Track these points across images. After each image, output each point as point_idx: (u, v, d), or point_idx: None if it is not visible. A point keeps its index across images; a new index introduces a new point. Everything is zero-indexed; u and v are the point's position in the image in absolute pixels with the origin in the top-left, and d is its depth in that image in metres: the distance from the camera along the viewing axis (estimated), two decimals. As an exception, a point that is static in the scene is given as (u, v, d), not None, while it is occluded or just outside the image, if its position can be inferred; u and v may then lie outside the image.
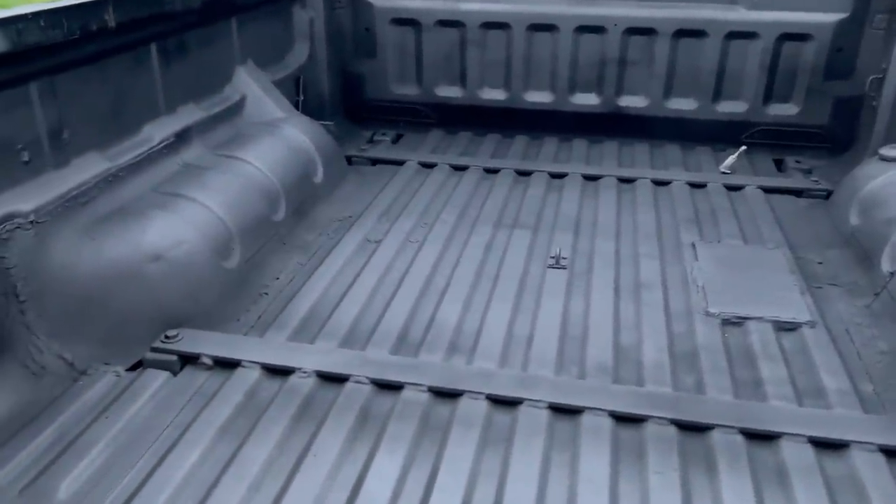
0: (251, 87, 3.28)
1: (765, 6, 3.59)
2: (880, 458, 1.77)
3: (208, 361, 2.11)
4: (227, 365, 2.10)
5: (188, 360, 2.12)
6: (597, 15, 3.75)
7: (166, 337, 2.15)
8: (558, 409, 1.93)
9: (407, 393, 2.00)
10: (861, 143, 3.59)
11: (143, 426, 1.88)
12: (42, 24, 1.98)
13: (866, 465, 1.75)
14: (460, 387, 2.00)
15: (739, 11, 3.64)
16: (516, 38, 3.86)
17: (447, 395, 1.99)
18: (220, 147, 2.91)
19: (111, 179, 2.37)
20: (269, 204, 2.79)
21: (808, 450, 1.80)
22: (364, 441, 1.83)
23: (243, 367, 2.09)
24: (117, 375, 2.07)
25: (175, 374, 2.09)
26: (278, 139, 3.10)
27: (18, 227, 2.00)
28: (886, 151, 2.93)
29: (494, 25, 3.86)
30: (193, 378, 2.07)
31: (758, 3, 3.60)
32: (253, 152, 2.90)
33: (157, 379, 2.05)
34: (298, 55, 3.82)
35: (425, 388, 2.00)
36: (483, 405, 1.95)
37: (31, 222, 2.03)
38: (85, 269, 2.13)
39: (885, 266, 2.44)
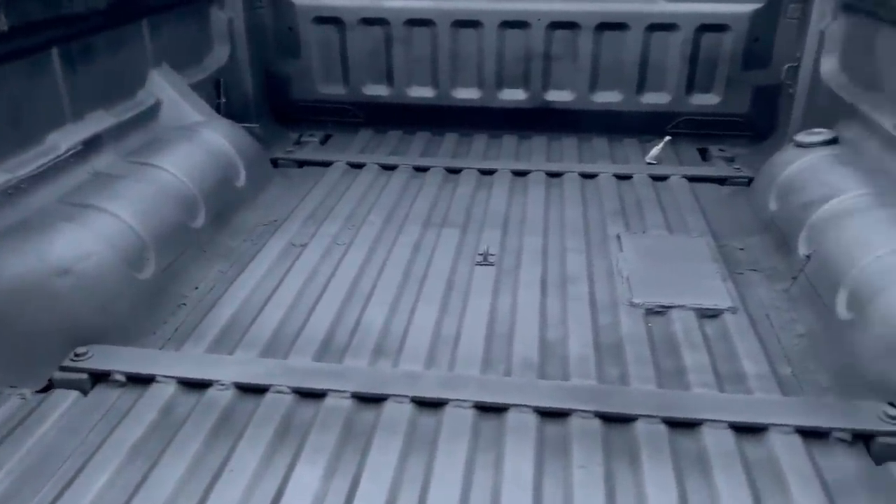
0: (166, 90, 3.17)
1: None
2: (797, 440, 1.80)
3: (121, 378, 2.02)
4: (141, 381, 2.02)
5: (99, 377, 2.03)
6: (520, 10, 3.75)
7: (76, 355, 2.05)
8: (484, 408, 1.91)
9: (330, 400, 1.95)
10: (780, 131, 3.68)
11: (49, 450, 1.79)
12: None
13: (783, 446, 1.77)
14: (385, 391, 1.96)
15: (659, 4, 3.68)
16: (441, 35, 3.84)
17: (371, 400, 1.95)
18: (133, 154, 2.81)
19: (12, 192, 2.25)
20: (187, 211, 2.70)
21: (729, 435, 1.82)
22: (284, 453, 1.78)
23: (158, 382, 2.00)
24: (23, 398, 1.96)
25: (85, 393, 1.99)
26: (196, 144, 3.00)
27: None
28: (801, 138, 3.00)
29: (419, 22, 3.83)
30: (105, 397, 1.98)
31: None
32: (168, 158, 2.80)
33: (65, 399, 1.95)
34: (218, 57, 3.72)
35: (349, 395, 1.95)
36: (408, 408, 1.91)
37: None
38: (-15, 287, 2.02)
39: (802, 250, 2.49)
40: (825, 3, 3.38)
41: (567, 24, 3.75)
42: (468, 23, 3.80)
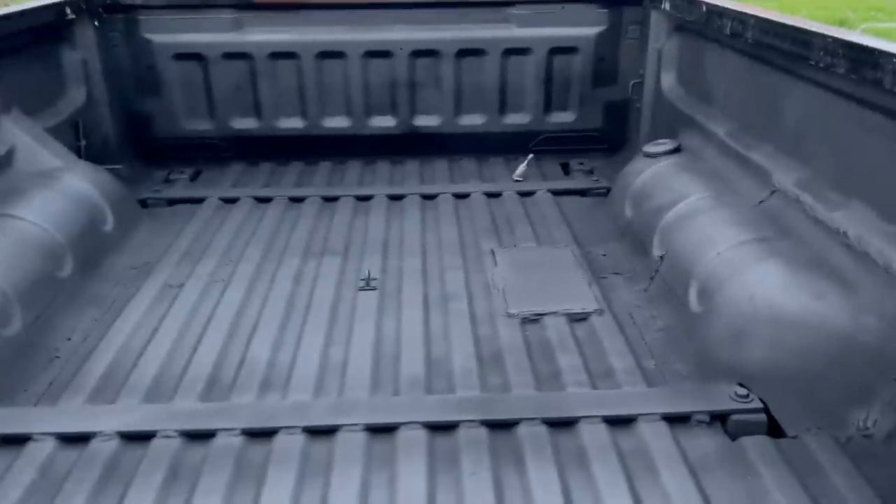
0: (19, 137, 3.03)
1: (533, 23, 3.88)
2: (663, 426, 1.96)
3: (-9, 441, 1.93)
4: (15, 441, 1.93)
5: (-34, 442, 1.93)
6: (381, 39, 3.86)
7: (-61, 421, 1.94)
8: (375, 430, 1.97)
9: (219, 440, 1.94)
10: (631, 142, 3.98)
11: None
12: None
13: (651, 434, 1.94)
14: (275, 424, 1.98)
15: (512, 29, 3.90)
16: (306, 67, 3.88)
17: (261, 434, 1.96)
18: (-13, 205, 2.67)
19: None
20: (52, 260, 2.60)
21: (603, 429, 1.96)
22: (175, 499, 1.76)
23: (34, 440, 1.92)
24: None
25: (-48, 461, 1.89)
26: (56, 190, 2.90)
27: None
28: (649, 148, 3.27)
29: (283, 55, 3.85)
30: (-25, 462, 1.88)
31: (527, 21, 3.88)
32: (27, 207, 2.69)
33: (-70, 470, 1.84)
34: (74, 98, 3.59)
35: (238, 432, 1.95)
36: (299, 439, 1.94)
37: None
38: None
39: (656, 252, 2.72)
40: (660, 24, 3.70)
41: (428, 52, 3.90)
42: (332, 53, 3.87)
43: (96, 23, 3.66)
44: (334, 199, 3.58)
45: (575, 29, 3.89)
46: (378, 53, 3.89)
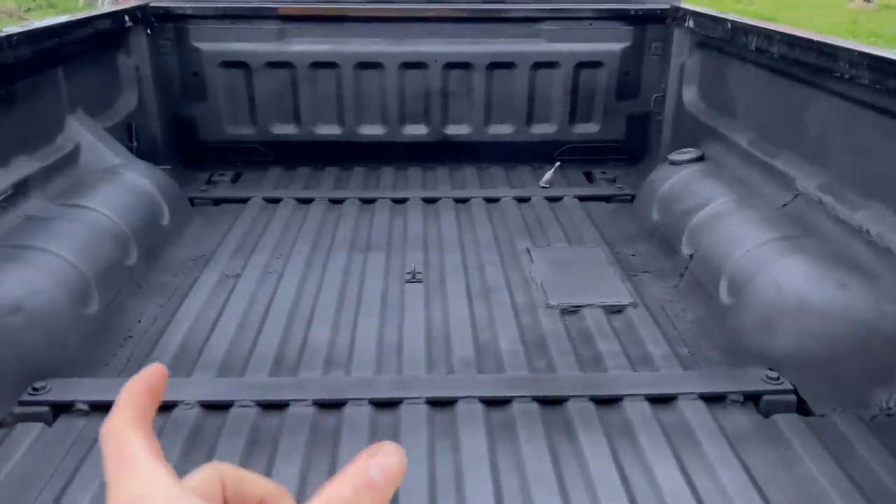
0: (84, 135, 3.22)
1: (562, 39, 4.08)
2: (701, 404, 2.13)
3: (84, 407, 2.09)
4: (105, 408, 2.05)
5: (61, 409, 2.09)
6: (418, 52, 4.06)
7: (34, 389, 2.10)
8: (435, 403, 2.13)
9: (292, 409, 2.11)
10: (652, 152, 4.17)
11: (24, 479, 1.84)
12: None
13: (691, 410, 2.11)
14: (343, 396, 2.15)
15: (541, 44, 4.10)
16: (345, 76, 4.08)
17: (331, 405, 2.13)
18: (60, 197, 2.85)
19: None
20: (121, 248, 2.78)
21: (646, 406, 2.13)
22: (258, 458, 1.92)
23: None
24: (-15, 434, 2.00)
25: (49, 424, 2.05)
26: (120, 185, 3.08)
27: None
28: (674, 157, 3.46)
29: (323, 65, 4.05)
30: (70, 426, 2.04)
31: (556, 37, 4.08)
32: (97, 199, 2.87)
33: (30, 432, 2.00)
34: (128, 102, 3.79)
35: (310, 402, 2.12)
36: (367, 410, 2.11)
37: None
38: (-64, 329, 2.05)
39: (685, 251, 2.90)
40: (682, 41, 3.91)
41: (461, 65, 4.10)
42: (370, 64, 4.07)
43: (149, 31, 3.86)
44: (372, 201, 3.76)
45: (601, 45, 4.09)
46: (413, 65, 4.09)
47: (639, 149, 4.27)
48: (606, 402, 2.15)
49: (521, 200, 3.79)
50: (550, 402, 2.15)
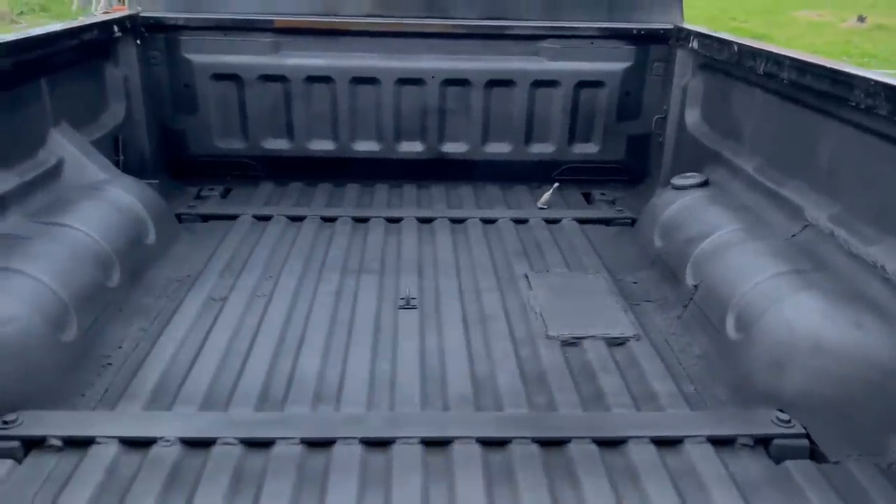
0: (68, 149, 3.10)
1: (562, 58, 4.00)
2: (709, 448, 2.03)
3: (57, 443, 1.96)
4: (79, 444, 1.97)
5: (33, 444, 1.96)
6: (415, 68, 3.96)
7: (4, 422, 1.98)
8: (430, 443, 2.02)
9: (278, 448, 1.99)
10: (653, 175, 4.09)
11: (-11, 523, 1.72)
12: None
13: (698, 455, 2.00)
14: (331, 434, 2.03)
15: (542, 62, 4.02)
16: (340, 91, 3.98)
17: (320, 444, 2.01)
18: (40, 214, 2.73)
19: None
20: (102, 270, 2.66)
21: (652, 449, 2.02)
22: (241, 502, 1.80)
23: (98, 443, 1.97)
24: (-51, 472, 1.87)
25: (19, 461, 1.92)
26: (104, 201, 2.96)
27: None
28: (677, 181, 3.37)
29: (318, 79, 3.95)
30: (41, 463, 1.92)
31: (557, 55, 4.00)
32: (78, 217, 2.75)
33: (-2, 470, 1.88)
34: (115, 114, 3.67)
35: (297, 441, 2.01)
36: (357, 449, 1.99)
37: None
38: None
39: (690, 280, 2.80)
40: (685, 62, 3.83)
41: (459, 81, 4.00)
42: (366, 79, 3.97)
43: (138, 41, 3.75)
44: (365, 219, 3.66)
45: (602, 64, 4.01)
46: (410, 81, 3.99)
47: (639, 171, 4.18)
48: (610, 444, 2.04)
49: (519, 222, 3.69)
50: (551, 444, 2.04)
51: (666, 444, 2.05)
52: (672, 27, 3.92)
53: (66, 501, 1.77)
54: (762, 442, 2.07)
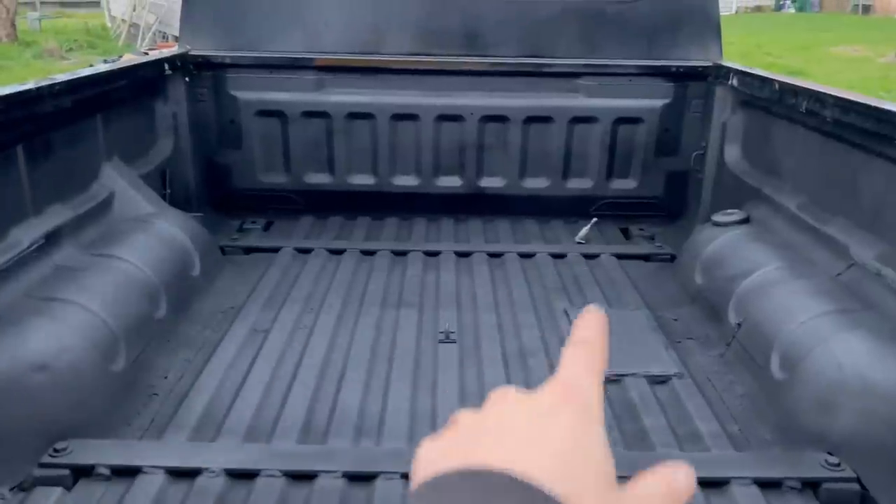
0: (118, 182, 3.20)
1: (601, 94, 4.03)
2: (755, 490, 1.99)
3: (105, 472, 2.00)
4: (126, 473, 2.01)
5: (82, 472, 2.00)
6: (454, 104, 4.03)
7: (55, 450, 2.02)
8: None
9: (321, 481, 2.00)
10: (692, 211, 4.07)
11: (39, 550, 1.75)
12: None
13: (745, 498, 1.96)
14: (374, 469, 2.04)
15: (580, 99, 4.05)
16: (381, 127, 4.05)
17: (362, 478, 2.02)
18: (92, 246, 2.81)
19: None
20: (151, 301, 2.72)
21: (696, 490, 1.99)
22: (286, 535, 1.82)
23: (144, 473, 2.00)
24: (2, 498, 1.91)
25: (69, 489, 1.96)
26: (152, 234, 3.04)
27: None
28: (718, 218, 3.35)
29: (359, 116, 4.03)
30: (90, 492, 1.95)
31: (595, 92, 4.03)
32: (128, 249, 2.83)
33: (49, 497, 1.91)
34: (163, 149, 3.78)
35: (339, 474, 2.02)
36: (399, 484, 1.99)
37: None
38: (-42, 385, 1.99)
39: (732, 318, 2.77)
40: (724, 99, 3.83)
41: (498, 118, 4.05)
42: (406, 116, 4.04)
43: (187, 79, 3.88)
44: (404, 253, 3.69)
45: (640, 101, 4.03)
46: (449, 117, 4.05)
47: (678, 207, 4.17)
48: (654, 484, 2.01)
49: (557, 256, 3.70)
50: None
51: (711, 485, 2.01)
52: (711, 64, 3.93)
53: (114, 530, 1.80)
54: (811, 485, 2.02)
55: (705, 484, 2.01)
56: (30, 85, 2.55)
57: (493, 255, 3.70)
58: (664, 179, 4.16)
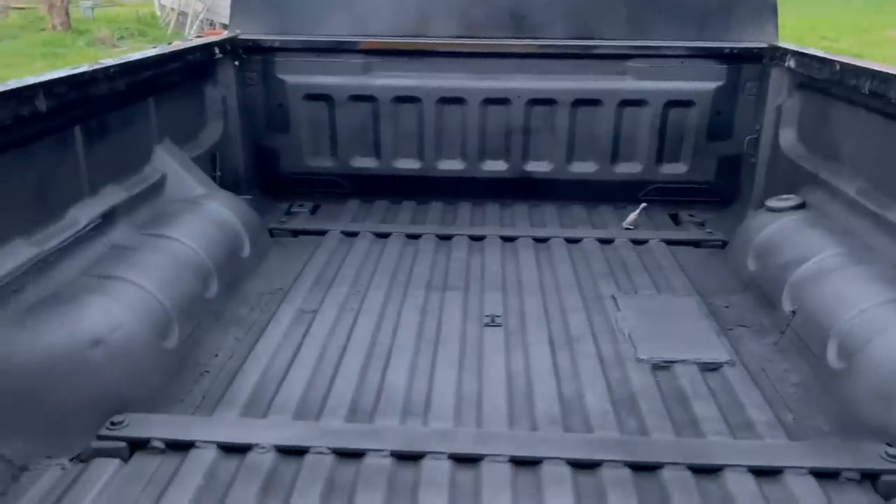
0: (171, 164, 3.25)
1: (651, 76, 3.95)
2: (811, 480, 1.94)
3: (159, 445, 2.05)
4: (180, 447, 2.05)
5: (137, 445, 2.05)
6: (502, 87, 3.99)
7: (112, 423, 2.08)
8: (519, 462, 2.01)
9: (369, 460, 2.02)
10: (744, 196, 3.97)
11: (98, 519, 1.80)
12: None
13: (801, 488, 1.92)
14: (421, 448, 2.04)
15: (629, 82, 3.97)
16: (427, 111, 4.04)
17: (409, 457, 2.03)
18: (145, 226, 2.87)
19: (41, 265, 2.29)
20: (202, 281, 2.77)
21: (750, 479, 1.95)
22: (334, 512, 1.83)
23: (197, 447, 2.04)
24: (63, 468, 1.97)
25: (125, 461, 2.01)
26: (203, 215, 3.09)
27: None
28: (773, 203, 3.26)
29: (406, 99, 4.02)
30: (145, 464, 2.00)
31: (645, 74, 3.95)
32: (180, 230, 2.88)
33: (107, 468, 1.96)
34: (213, 132, 3.83)
35: (387, 453, 2.03)
36: (446, 464, 2.00)
37: None
38: (21, 358, 2.05)
39: (787, 306, 2.70)
40: (780, 81, 3.72)
41: (545, 101, 4.00)
42: (453, 99, 4.01)
43: (236, 63, 3.91)
44: (448, 237, 3.68)
45: (692, 83, 3.94)
46: (496, 101, 4.01)
47: (729, 192, 4.07)
48: (705, 471, 1.98)
49: (604, 242, 3.65)
50: (644, 469, 1.99)
51: (765, 474, 1.97)
52: (766, 46, 3.82)
53: (170, 501, 1.84)
54: (869, 477, 1.96)
55: (759, 473, 1.97)
56: (85, 67, 2.60)
57: (538, 240, 3.66)
58: (716, 164, 4.06)
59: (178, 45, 3.61)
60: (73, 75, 2.49)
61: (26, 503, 1.84)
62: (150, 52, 3.26)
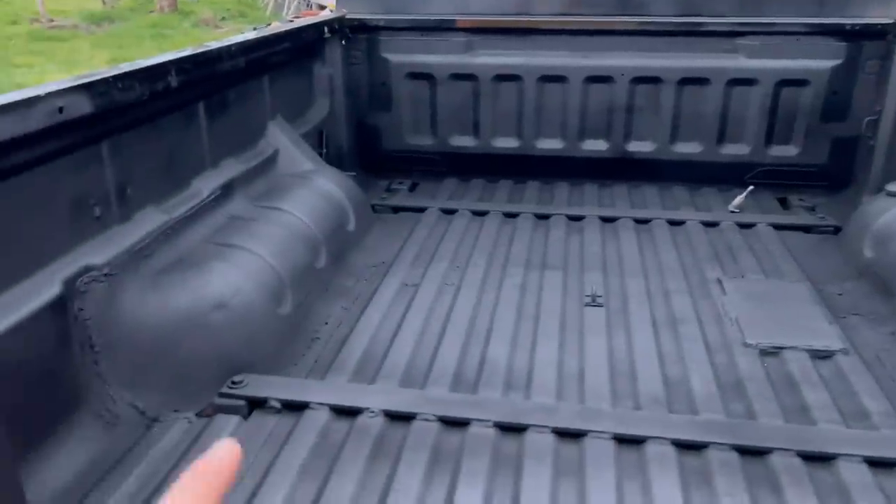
0: (282, 140, 3.39)
1: (763, 54, 3.81)
2: (933, 474, 1.87)
3: (276, 405, 2.17)
4: (295, 407, 2.16)
5: (256, 404, 2.18)
6: (605, 65, 3.94)
7: (233, 382, 2.21)
8: (622, 440, 2.02)
9: (474, 429, 2.07)
10: (860, 181, 3.79)
11: (222, 470, 1.92)
12: (120, 86, 2.08)
13: (921, 481, 1.85)
14: (524, 421, 2.08)
15: (739, 60, 3.85)
16: (528, 90, 4.03)
17: (513, 429, 2.07)
18: (260, 199, 3.01)
19: (169, 232, 2.45)
20: (312, 252, 2.88)
21: (864, 469, 1.90)
22: (442, 476, 1.90)
23: (311, 408, 2.15)
24: (189, 422, 2.12)
25: (245, 418, 2.14)
26: (313, 190, 3.20)
27: (94, 280, 2.06)
28: (894, 188, 3.10)
29: (506, 78, 4.03)
30: (264, 421, 2.12)
31: (756, 52, 3.81)
32: (292, 203, 3.00)
33: (228, 424, 2.10)
34: (320, 109, 3.95)
35: (491, 424, 2.07)
36: (549, 438, 2.03)
37: (105, 275, 2.10)
38: (152, 319, 2.20)
39: (907, 295, 2.58)
40: (906, 59, 3.52)
41: (650, 79, 3.93)
42: (554, 77, 3.99)
43: (343, 41, 4.02)
44: (546, 216, 3.69)
45: (807, 62, 3.77)
46: (599, 79, 3.97)
47: (843, 176, 3.89)
48: (817, 459, 1.94)
49: (709, 225, 3.57)
50: (751, 453, 1.96)
51: (881, 465, 1.91)
52: (891, 21, 3.61)
53: (286, 459, 1.95)
54: None
55: (874, 464, 1.91)
56: (212, 45, 2.73)
57: (639, 221, 3.62)
58: (829, 146, 3.89)
59: (275, 27, 3.74)
60: (201, 53, 2.63)
61: (157, 453, 1.99)
62: (266, 31, 3.39)
